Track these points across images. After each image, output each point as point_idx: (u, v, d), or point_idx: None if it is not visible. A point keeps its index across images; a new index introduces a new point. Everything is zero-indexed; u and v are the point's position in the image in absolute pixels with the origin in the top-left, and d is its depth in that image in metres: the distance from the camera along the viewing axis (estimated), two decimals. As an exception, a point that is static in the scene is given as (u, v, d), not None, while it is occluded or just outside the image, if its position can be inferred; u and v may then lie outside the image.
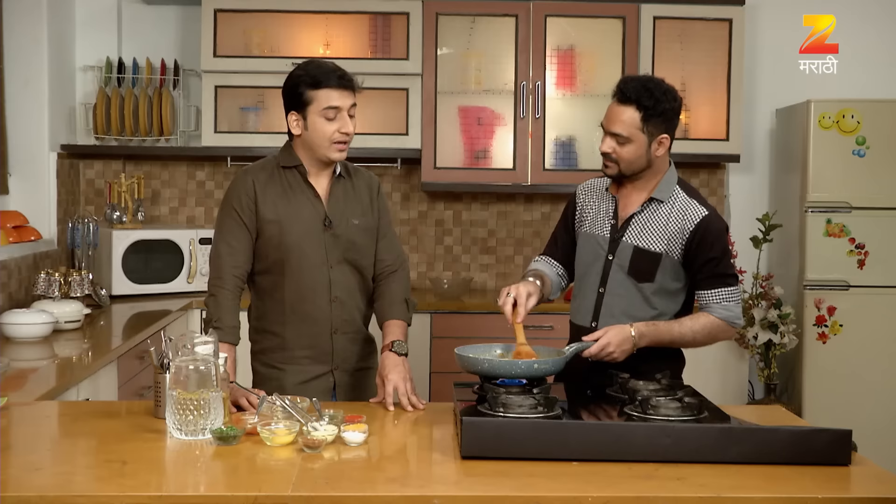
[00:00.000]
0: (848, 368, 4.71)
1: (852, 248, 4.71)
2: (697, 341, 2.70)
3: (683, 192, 2.73)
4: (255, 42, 4.83)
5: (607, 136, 2.67)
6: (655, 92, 2.63)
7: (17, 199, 4.42)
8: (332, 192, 2.81)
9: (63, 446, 2.31)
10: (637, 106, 2.62)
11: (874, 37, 5.21)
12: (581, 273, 2.82)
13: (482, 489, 1.96)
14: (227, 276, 2.74)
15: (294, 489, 1.91)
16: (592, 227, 2.79)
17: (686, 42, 4.90)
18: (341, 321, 2.82)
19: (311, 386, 2.76)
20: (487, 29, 4.87)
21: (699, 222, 2.66)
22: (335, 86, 2.70)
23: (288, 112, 2.76)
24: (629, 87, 2.63)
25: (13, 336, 3.51)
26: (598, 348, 2.56)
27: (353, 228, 2.82)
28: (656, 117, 2.63)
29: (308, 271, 2.76)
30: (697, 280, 2.70)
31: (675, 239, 2.68)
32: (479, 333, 4.37)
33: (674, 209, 2.69)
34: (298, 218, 2.76)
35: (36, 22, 4.46)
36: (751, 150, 5.23)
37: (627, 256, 2.70)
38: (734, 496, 1.94)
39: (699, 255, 2.66)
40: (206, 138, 4.83)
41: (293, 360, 2.80)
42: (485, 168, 4.91)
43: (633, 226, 2.72)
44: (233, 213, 2.76)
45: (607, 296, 2.73)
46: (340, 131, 2.71)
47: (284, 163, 2.79)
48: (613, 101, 2.67)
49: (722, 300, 2.68)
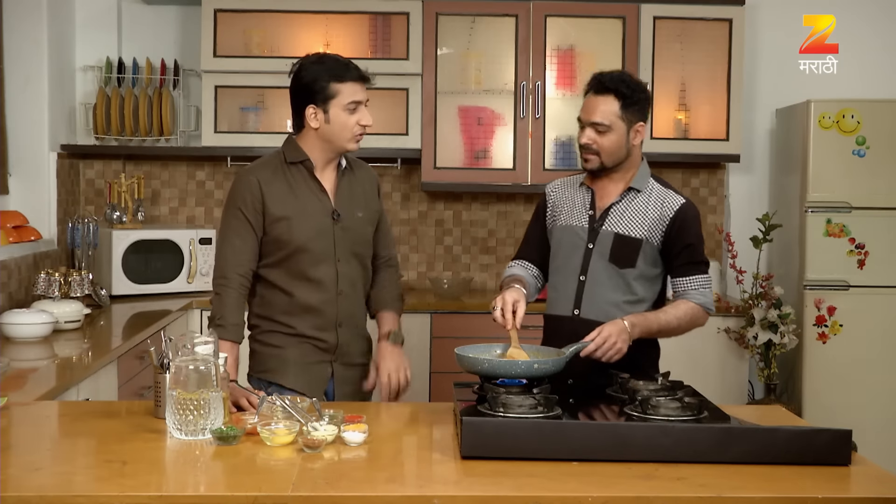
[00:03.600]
0: (848, 368, 4.71)
1: (852, 248, 4.71)
2: (681, 328, 2.77)
3: (658, 183, 2.84)
4: (255, 42, 4.83)
5: (586, 128, 2.75)
6: (630, 82, 2.75)
7: (17, 199, 4.42)
8: (338, 186, 2.82)
9: (63, 446, 2.31)
10: (616, 94, 2.72)
11: (874, 37, 5.21)
12: (558, 265, 2.85)
13: (482, 489, 1.96)
14: (231, 276, 2.74)
15: (294, 489, 1.91)
16: (569, 219, 2.83)
17: (686, 42, 4.90)
18: (346, 315, 2.84)
19: (312, 370, 2.80)
20: (487, 29, 4.87)
21: (679, 209, 2.76)
22: (356, 79, 2.73)
23: (305, 105, 2.74)
24: (606, 79, 2.74)
25: (13, 336, 3.51)
26: (602, 340, 2.56)
27: (359, 221, 2.85)
28: (633, 105, 2.73)
29: (317, 266, 2.77)
30: (675, 266, 2.78)
31: (656, 226, 2.75)
32: (479, 333, 4.36)
33: (651, 198, 2.79)
34: (306, 213, 2.77)
35: (36, 22, 4.46)
36: (751, 150, 5.23)
37: (608, 244, 2.76)
38: (734, 496, 1.94)
39: (678, 241, 2.75)
40: (206, 138, 4.83)
41: (297, 343, 2.81)
42: (485, 168, 4.92)
43: (613, 215, 2.78)
44: (237, 213, 2.76)
45: (588, 283, 2.77)
46: (360, 123, 2.74)
47: (290, 158, 2.79)
48: (590, 94, 2.76)
49: (699, 287, 2.77)
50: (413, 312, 4.39)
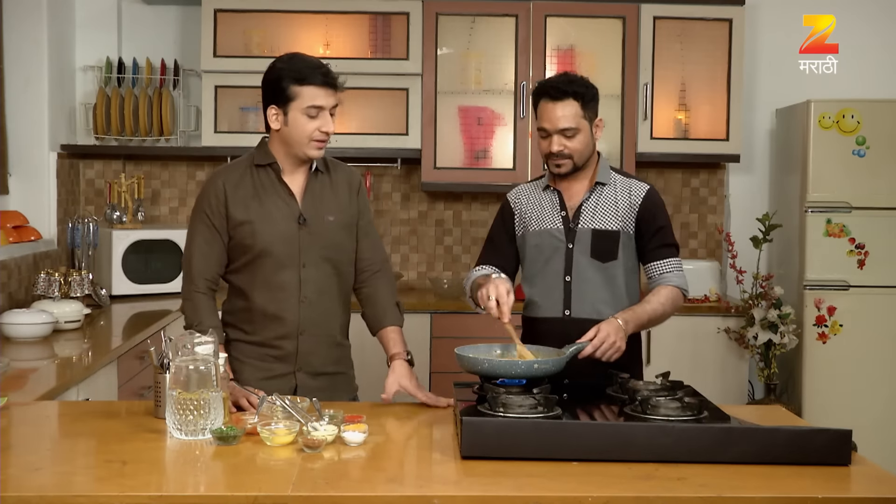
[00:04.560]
0: (848, 368, 4.71)
1: (852, 248, 4.71)
2: (667, 314, 2.80)
3: (618, 174, 2.89)
4: (255, 42, 4.83)
5: (554, 136, 2.77)
6: (582, 82, 2.80)
7: (17, 199, 4.42)
8: (307, 189, 2.74)
9: (63, 446, 2.31)
10: (574, 96, 2.75)
11: (874, 37, 5.21)
12: (538, 269, 2.86)
13: (482, 489, 1.96)
14: (199, 281, 2.71)
15: (294, 489, 1.91)
16: (541, 223, 2.86)
17: (686, 42, 4.90)
18: (309, 322, 2.74)
19: (271, 384, 2.67)
20: (487, 29, 4.87)
21: (646, 195, 2.83)
22: (320, 84, 2.63)
23: (267, 105, 2.68)
24: (558, 84, 2.77)
25: (13, 336, 3.51)
26: (600, 341, 2.56)
27: (329, 225, 2.74)
28: (591, 102, 2.79)
29: (279, 272, 2.70)
30: (648, 250, 2.83)
31: (628, 214, 2.81)
32: (479, 333, 4.35)
33: (617, 188, 2.84)
34: (270, 218, 2.70)
35: (36, 22, 4.46)
36: (751, 150, 5.23)
37: (587, 241, 2.80)
38: (734, 496, 1.94)
39: (651, 225, 2.82)
40: (206, 138, 4.83)
41: (257, 356, 2.75)
42: (485, 168, 4.92)
43: (586, 211, 2.82)
44: (203, 218, 2.72)
45: (575, 283, 2.80)
46: (321, 130, 2.65)
47: (258, 161, 2.73)
48: (544, 102, 2.77)
49: (674, 269, 2.84)
50: (413, 312, 4.38)
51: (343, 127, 4.77)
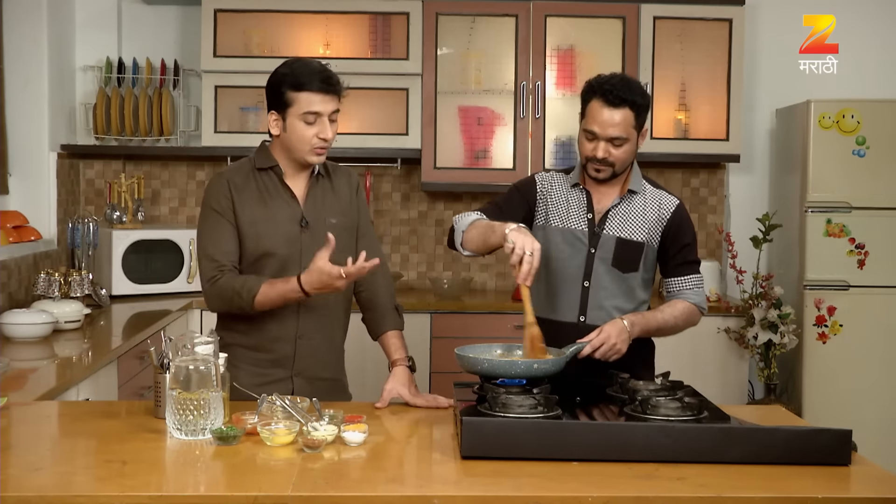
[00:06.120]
0: (848, 368, 4.71)
1: (852, 248, 4.71)
2: (678, 327, 2.77)
3: (649, 184, 2.82)
4: (255, 42, 4.83)
5: (601, 142, 2.66)
6: (639, 90, 2.68)
7: (17, 199, 4.42)
8: (309, 192, 2.74)
9: (63, 446, 2.31)
10: (631, 106, 2.64)
11: (874, 37, 5.21)
12: (556, 268, 2.78)
13: (482, 489, 1.96)
14: (224, 261, 2.65)
15: (294, 489, 1.91)
16: (566, 221, 2.78)
17: (686, 42, 4.90)
18: (307, 327, 2.73)
19: (267, 389, 2.59)
20: (487, 29, 4.88)
21: (675, 210, 2.78)
22: (317, 90, 2.60)
23: (268, 111, 2.68)
24: (616, 89, 2.63)
25: (13, 336, 3.51)
26: (600, 342, 2.56)
27: (331, 228, 2.71)
28: (644, 112, 2.69)
29: (281, 273, 2.67)
30: (671, 266, 2.79)
31: (655, 228, 2.76)
32: (479, 333, 4.37)
33: (647, 199, 2.78)
34: (274, 221, 2.69)
35: (36, 22, 4.46)
36: (751, 150, 5.23)
37: (611, 248, 2.74)
38: (734, 496, 1.94)
39: (676, 241, 2.77)
40: (206, 138, 4.84)
41: (253, 361, 2.73)
42: (485, 168, 4.92)
43: (613, 218, 2.76)
44: (213, 214, 2.69)
45: (593, 289, 2.75)
46: (319, 136, 2.63)
47: (260, 164, 2.73)
48: (598, 103, 2.64)
49: (694, 286, 2.80)
50: (413, 312, 4.38)
51: (343, 127, 4.76)
